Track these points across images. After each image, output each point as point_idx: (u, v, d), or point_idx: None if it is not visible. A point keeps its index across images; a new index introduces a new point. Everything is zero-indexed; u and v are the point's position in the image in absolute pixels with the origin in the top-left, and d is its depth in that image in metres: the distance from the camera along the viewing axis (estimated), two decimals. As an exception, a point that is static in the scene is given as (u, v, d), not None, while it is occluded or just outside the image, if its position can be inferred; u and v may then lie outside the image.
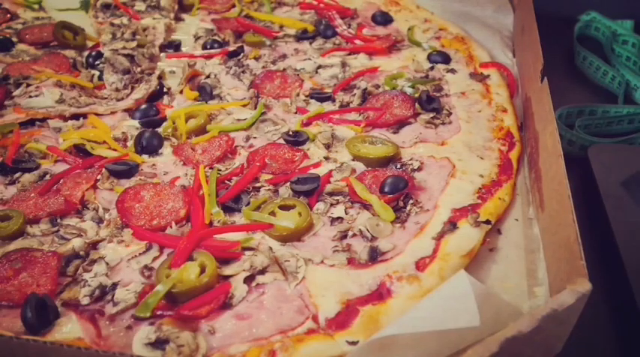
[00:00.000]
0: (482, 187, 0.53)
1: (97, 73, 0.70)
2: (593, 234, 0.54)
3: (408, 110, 0.63)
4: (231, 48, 0.75)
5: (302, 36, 0.77)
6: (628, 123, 0.73)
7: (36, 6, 0.82)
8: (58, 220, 0.50)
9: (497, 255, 0.49)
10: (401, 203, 0.52)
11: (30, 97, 0.64)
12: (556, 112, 0.69)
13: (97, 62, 0.72)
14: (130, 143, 0.59)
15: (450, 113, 0.63)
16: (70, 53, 0.74)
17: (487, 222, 0.49)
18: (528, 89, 0.64)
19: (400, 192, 0.52)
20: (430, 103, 0.64)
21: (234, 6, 0.84)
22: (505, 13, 0.81)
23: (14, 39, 0.75)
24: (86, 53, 0.74)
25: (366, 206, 0.51)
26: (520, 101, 0.67)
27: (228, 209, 0.51)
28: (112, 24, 0.78)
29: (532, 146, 0.58)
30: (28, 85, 0.66)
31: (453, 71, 0.70)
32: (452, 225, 0.48)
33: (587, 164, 0.65)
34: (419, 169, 0.56)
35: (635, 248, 0.54)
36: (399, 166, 0.56)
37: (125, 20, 0.80)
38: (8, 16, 0.80)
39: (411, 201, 0.52)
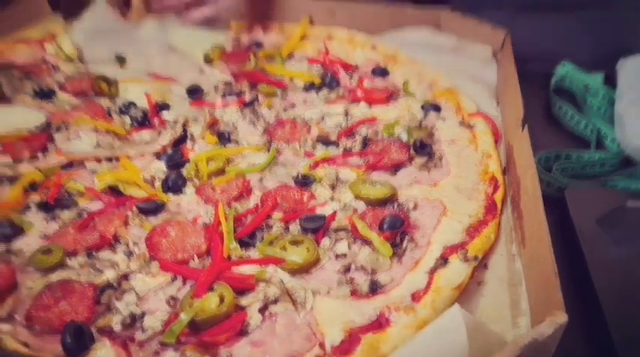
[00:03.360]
0: (471, 225, 0.54)
1: (129, 119, 0.72)
2: (570, 268, 0.55)
3: (404, 155, 0.64)
4: (247, 98, 0.76)
5: (310, 87, 0.79)
6: (600, 167, 0.74)
7: (76, 60, 0.83)
8: (94, 254, 0.51)
9: (485, 288, 0.49)
10: (398, 240, 0.52)
11: (70, 141, 0.66)
12: (535, 157, 0.70)
13: (128, 110, 0.73)
14: (158, 184, 0.60)
15: (442, 158, 0.64)
16: (105, 102, 0.75)
17: (475, 258, 0.50)
18: (511, 137, 0.65)
19: (397, 230, 0.52)
20: (423, 149, 0.65)
21: (249, 60, 0.84)
22: (490, 68, 0.81)
23: (57, 89, 0.76)
24: (119, 102, 0.75)
25: (367, 242, 0.52)
26: (504, 147, 0.67)
27: (244, 244, 0.52)
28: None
29: (514, 189, 0.58)
30: (69, 131, 0.67)
31: (443, 120, 0.71)
32: (443, 260, 0.49)
33: (564, 204, 0.66)
34: (414, 208, 0.57)
35: (609, 282, 0.55)
36: (396, 205, 0.57)
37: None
38: (52, 69, 0.81)
39: (407, 238, 0.52)
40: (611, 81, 0.89)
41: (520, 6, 1.00)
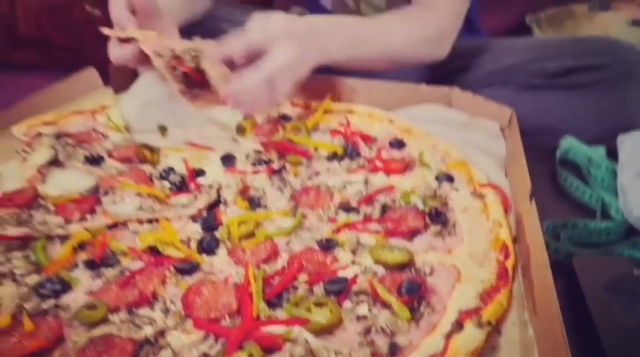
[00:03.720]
0: (484, 291, 0.54)
1: (168, 184, 0.74)
2: (579, 332, 0.54)
3: (420, 222, 0.65)
4: (276, 166, 0.78)
5: (332, 157, 0.80)
6: (606, 235, 0.74)
7: (123, 129, 0.87)
8: (134, 310, 0.52)
9: (498, 353, 0.49)
10: (415, 304, 0.53)
11: (115, 204, 0.68)
12: (543, 225, 0.71)
13: (168, 175, 0.76)
14: (193, 245, 0.62)
15: (455, 226, 0.65)
16: (147, 168, 0.77)
17: (489, 323, 0.50)
18: (519, 207, 0.66)
19: (415, 294, 0.53)
20: (438, 217, 0.66)
21: (278, 131, 0.87)
22: (498, 142, 0.83)
23: (105, 156, 0.79)
24: (160, 168, 0.78)
25: (386, 305, 0.52)
26: (513, 217, 0.68)
27: (272, 304, 0.53)
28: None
29: (525, 257, 0.59)
30: (115, 195, 0.70)
31: (456, 190, 0.72)
32: (459, 325, 0.49)
33: (572, 270, 0.66)
34: (430, 274, 0.57)
35: (617, 345, 0.54)
36: (413, 270, 0.58)
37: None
38: (102, 137, 0.84)
39: (423, 302, 0.53)
40: (612, 154, 0.90)
41: (524, 85, 1.03)
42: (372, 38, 0.91)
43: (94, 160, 0.78)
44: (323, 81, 0.97)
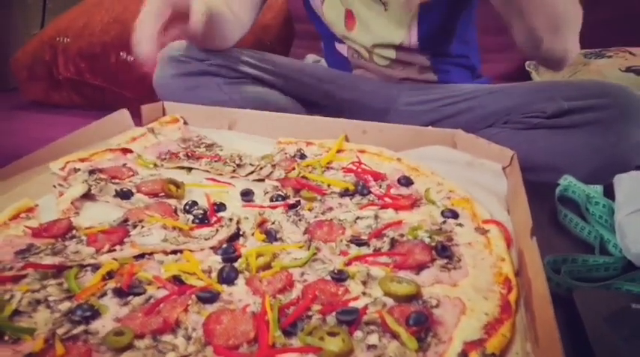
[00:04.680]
0: (488, 323, 0.53)
1: (191, 217, 0.75)
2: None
3: (427, 256, 0.65)
4: (291, 201, 0.79)
5: (344, 193, 0.81)
6: (604, 270, 0.73)
7: (151, 166, 0.89)
8: (158, 337, 0.52)
9: (502, 384, 0.49)
10: (423, 334, 0.52)
11: (143, 236, 0.70)
12: (544, 260, 0.71)
13: (191, 209, 0.77)
14: (214, 275, 0.62)
15: (460, 260, 0.65)
16: (172, 202, 0.79)
17: (492, 355, 0.49)
18: (521, 243, 0.66)
19: (422, 325, 0.53)
20: (444, 251, 0.66)
21: (294, 168, 0.88)
22: (500, 180, 0.83)
23: (134, 190, 0.81)
24: (184, 202, 0.79)
25: (395, 335, 0.52)
26: (515, 252, 0.68)
27: (287, 333, 0.53)
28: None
29: (527, 290, 0.59)
30: (142, 227, 0.71)
31: (460, 225, 0.72)
32: (464, 356, 0.49)
33: (573, 304, 0.65)
34: (436, 306, 0.57)
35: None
36: (420, 302, 0.58)
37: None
38: (132, 173, 0.86)
39: (430, 333, 0.52)
40: (609, 191, 0.90)
41: (523, 125, 1.04)
42: None
43: (124, 195, 0.79)
44: (336, 123, 0.99)
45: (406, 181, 0.84)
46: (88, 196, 0.79)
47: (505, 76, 1.66)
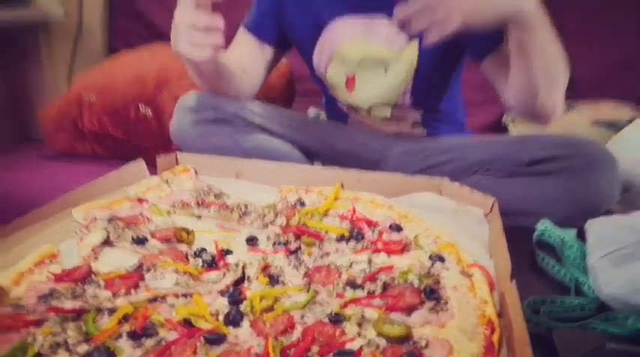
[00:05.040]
0: (473, 364, 0.54)
1: (201, 262, 0.76)
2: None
3: (416, 299, 0.66)
4: (292, 247, 0.80)
5: (341, 239, 0.81)
6: (580, 311, 0.74)
7: (165, 214, 0.90)
8: (168, 378, 0.53)
9: None
10: (413, 375, 0.53)
11: (156, 280, 0.70)
12: (524, 302, 0.71)
13: (201, 254, 0.78)
14: (221, 317, 0.63)
15: (447, 302, 0.65)
16: (183, 247, 0.79)
17: (478, 394, 0.50)
18: (502, 286, 0.67)
19: (413, 366, 0.53)
20: (432, 294, 0.66)
21: (295, 216, 0.89)
22: (483, 226, 0.84)
23: (149, 237, 0.81)
24: (194, 248, 0.80)
25: (387, 376, 0.53)
26: (497, 294, 0.68)
27: (288, 374, 0.53)
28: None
29: (508, 331, 0.59)
30: (156, 271, 0.71)
31: (447, 269, 0.73)
32: (452, 396, 0.49)
33: (552, 343, 0.66)
34: (426, 346, 0.57)
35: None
36: (411, 343, 0.58)
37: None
38: (147, 221, 0.87)
39: (420, 374, 0.53)
40: (583, 235, 0.91)
41: (503, 173, 1.06)
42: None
43: (140, 241, 0.80)
44: (333, 172, 1.01)
45: (397, 228, 0.85)
46: (106, 242, 0.80)
47: (486, 127, 1.70)
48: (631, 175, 1.11)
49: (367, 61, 1.14)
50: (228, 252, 0.79)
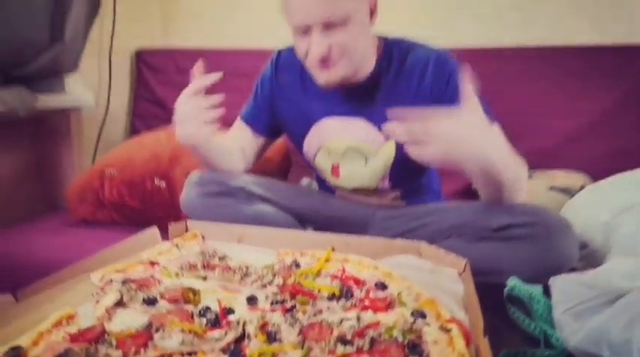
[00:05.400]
0: (454, 416, 0.52)
1: (205, 320, 0.75)
2: None
3: (401, 353, 0.64)
4: (288, 305, 0.79)
5: (332, 297, 0.81)
6: (550, 362, 0.73)
7: (174, 275, 0.89)
8: None
9: None
10: None
11: (163, 339, 0.69)
12: (500, 354, 0.70)
13: (205, 313, 0.77)
14: (222, 374, 0.61)
15: (428, 356, 0.64)
16: (189, 307, 0.78)
17: None
18: (477, 340, 0.66)
19: (398, 419, 0.51)
20: (415, 349, 0.65)
21: (291, 276, 0.89)
22: (458, 284, 0.84)
23: (158, 298, 0.80)
24: (200, 307, 0.78)
25: None
26: (473, 348, 0.67)
27: None
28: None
29: (485, 384, 0.58)
30: (164, 331, 0.70)
31: (428, 325, 0.72)
32: None
33: (527, 394, 0.64)
34: (410, 399, 0.56)
35: None
36: (396, 396, 0.57)
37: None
38: (157, 282, 0.87)
39: None
40: (549, 291, 0.91)
41: (474, 237, 1.07)
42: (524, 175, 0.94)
43: (150, 302, 0.79)
44: (325, 237, 1.03)
45: (382, 286, 0.84)
46: (120, 303, 0.79)
47: (459, 193, 1.73)
48: (585, 236, 1.14)
49: (350, 154, 1.20)
50: (231, 310, 0.78)
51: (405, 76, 1.11)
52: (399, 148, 1.14)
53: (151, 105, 2.23)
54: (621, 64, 1.79)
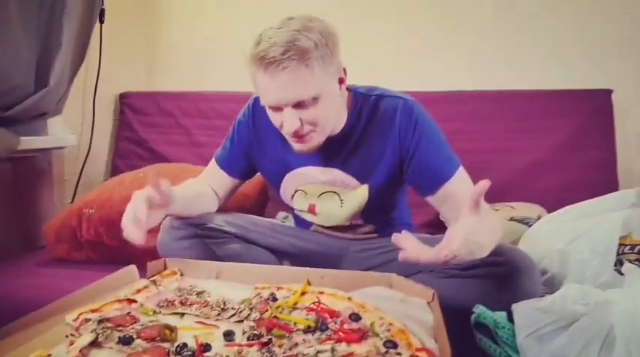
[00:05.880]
0: None
1: (182, 358, 0.73)
2: None
3: (374, 383, 0.64)
4: (264, 340, 0.77)
5: (307, 330, 0.80)
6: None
7: (151, 313, 0.87)
8: None
9: None
10: None
11: (139, 378, 0.66)
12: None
13: (182, 351, 0.74)
14: (198, 412, 0.59)
15: (400, 385, 0.64)
16: (167, 345, 0.76)
17: None
18: (446, 367, 0.67)
19: None
20: (387, 378, 0.65)
21: (267, 310, 0.88)
22: (427, 314, 0.85)
23: (134, 336, 0.77)
24: (177, 344, 0.76)
25: None
26: (443, 375, 0.67)
27: None
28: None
29: (453, 410, 0.58)
30: (139, 370, 0.68)
31: (399, 354, 0.72)
32: None
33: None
34: None
35: None
36: None
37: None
38: (134, 320, 0.84)
39: None
40: (512, 317, 0.92)
41: (443, 274, 1.08)
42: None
43: (126, 341, 0.76)
44: (300, 271, 1.03)
45: (355, 317, 0.84)
46: (95, 343, 0.76)
47: (429, 223, 1.75)
48: (543, 263, 1.17)
49: (325, 196, 1.22)
50: (208, 347, 0.76)
51: (375, 125, 1.14)
52: (373, 189, 1.17)
53: (132, 145, 2.22)
54: (569, 107, 1.92)
